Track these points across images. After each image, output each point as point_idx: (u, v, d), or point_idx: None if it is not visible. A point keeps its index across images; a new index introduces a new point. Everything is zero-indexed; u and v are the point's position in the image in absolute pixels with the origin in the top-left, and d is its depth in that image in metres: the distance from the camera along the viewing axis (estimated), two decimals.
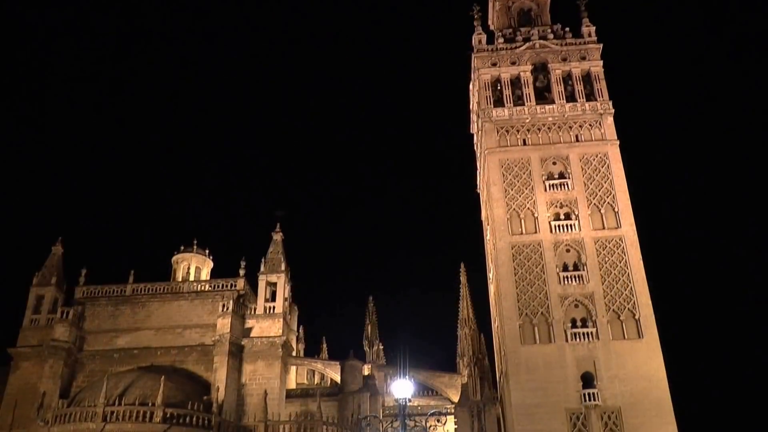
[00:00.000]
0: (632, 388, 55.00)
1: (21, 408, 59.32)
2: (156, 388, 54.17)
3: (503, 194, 64.61)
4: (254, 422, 57.13)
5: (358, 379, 64.56)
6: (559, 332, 57.62)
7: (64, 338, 61.98)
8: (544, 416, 54.71)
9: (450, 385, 67.65)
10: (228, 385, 58.81)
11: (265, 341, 61.40)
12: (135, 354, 62.18)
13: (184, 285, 66.61)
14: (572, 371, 56.14)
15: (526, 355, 57.31)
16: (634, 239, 60.75)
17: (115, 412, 53.08)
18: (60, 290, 66.08)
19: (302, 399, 64.76)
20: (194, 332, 62.96)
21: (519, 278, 60.20)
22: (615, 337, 57.01)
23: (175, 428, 52.98)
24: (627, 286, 58.77)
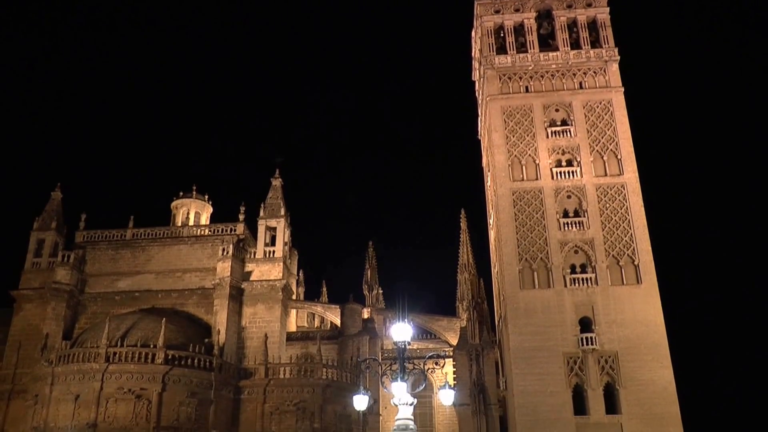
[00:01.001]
0: (629, 332, 55.55)
1: (25, 349, 60.02)
2: (157, 330, 54.62)
3: (504, 141, 64.32)
4: (255, 365, 57.75)
5: (357, 322, 65.15)
6: (558, 277, 57.96)
7: (66, 281, 62.43)
8: (542, 360, 55.39)
9: (449, 328, 68.31)
10: (228, 327, 59.32)
11: (265, 284, 61.73)
12: (136, 296, 62.62)
13: (184, 230, 66.68)
14: (570, 316, 56.64)
15: (525, 300, 57.75)
16: (636, 186, 60.68)
17: (118, 353, 53.58)
18: (60, 235, 66.27)
19: (302, 342, 65.47)
20: (194, 276, 63.26)
21: (519, 224, 60.29)
22: (614, 282, 57.36)
23: (176, 370, 53.55)
24: (627, 233, 58.89)
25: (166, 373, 52.92)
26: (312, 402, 55.63)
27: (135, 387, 52.47)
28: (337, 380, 57.29)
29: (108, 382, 52.42)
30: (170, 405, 52.57)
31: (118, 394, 52.23)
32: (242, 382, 56.78)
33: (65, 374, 53.45)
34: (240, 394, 56.43)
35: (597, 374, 54.97)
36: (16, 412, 56.72)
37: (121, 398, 52.13)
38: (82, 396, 52.28)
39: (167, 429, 51.87)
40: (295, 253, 71.90)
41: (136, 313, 60.19)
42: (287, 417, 55.26)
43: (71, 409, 52.04)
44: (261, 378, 56.61)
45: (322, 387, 56.17)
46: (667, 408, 53.38)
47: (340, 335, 65.17)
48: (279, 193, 66.02)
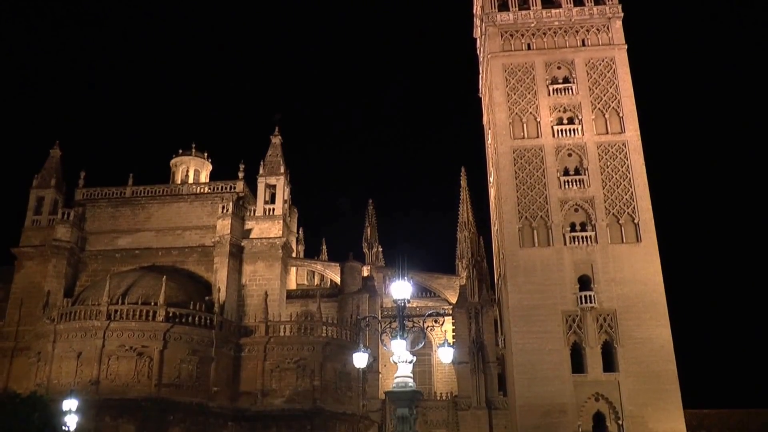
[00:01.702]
0: (628, 291, 55.75)
1: (27, 306, 60.27)
2: (158, 288, 54.78)
3: (505, 98, 63.83)
4: (255, 322, 58.02)
5: (357, 280, 65.36)
6: (557, 236, 57.99)
7: (66, 238, 62.45)
8: (541, 318, 55.71)
9: (448, 286, 68.58)
10: (229, 285, 59.48)
11: (265, 242, 61.74)
12: (136, 254, 62.69)
13: (184, 187, 66.49)
14: (570, 274, 56.80)
15: (525, 258, 57.85)
16: (638, 144, 60.38)
17: (119, 310, 53.82)
18: (60, 192, 66.11)
19: (302, 300, 65.71)
20: (194, 233, 63.23)
21: (519, 182, 60.13)
22: (613, 241, 57.41)
23: (177, 327, 53.81)
24: (628, 191, 58.75)
25: (167, 331, 53.21)
26: (312, 359, 56.01)
27: (136, 344, 52.82)
28: (337, 338, 57.60)
29: (110, 340, 52.75)
30: (171, 362, 52.96)
31: (119, 351, 52.60)
32: (243, 339, 57.10)
33: (67, 332, 53.77)
34: (240, 352, 56.80)
35: (595, 332, 55.30)
36: (19, 369, 57.15)
37: (123, 356, 52.51)
38: (84, 353, 52.65)
39: (169, 386, 52.34)
40: (295, 211, 71.83)
41: (136, 271, 60.33)
42: (287, 374, 55.70)
43: (74, 366, 52.45)
44: (261, 336, 56.92)
45: (322, 345, 56.50)
46: (664, 366, 53.83)
47: (339, 293, 65.41)
48: (278, 150, 65.69)
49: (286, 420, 54.36)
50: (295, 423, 54.38)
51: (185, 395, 52.60)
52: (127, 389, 51.60)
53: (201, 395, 53.27)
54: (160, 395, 51.61)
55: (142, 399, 51.05)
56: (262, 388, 55.33)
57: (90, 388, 50.10)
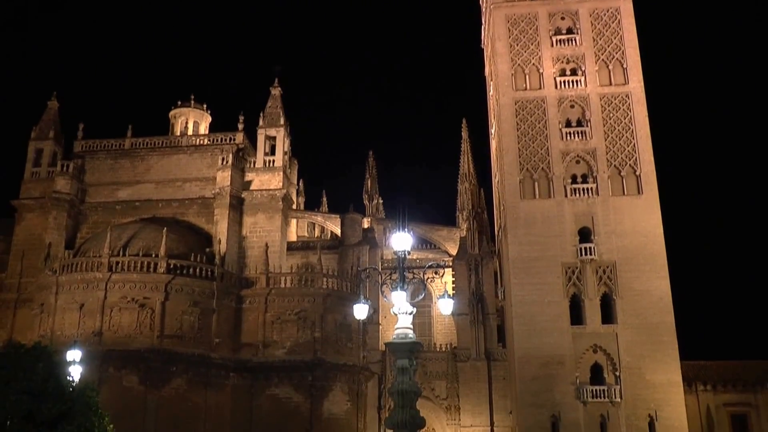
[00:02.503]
0: (628, 243, 55.77)
1: (28, 258, 60.49)
2: (158, 240, 54.85)
3: (508, 49, 63.01)
4: (256, 274, 58.25)
5: (357, 232, 65.41)
6: (558, 187, 57.81)
7: (66, 190, 62.37)
8: (541, 270, 55.85)
9: (449, 238, 68.65)
10: (229, 237, 59.55)
11: (265, 194, 61.64)
12: (137, 206, 62.65)
13: (183, 139, 66.17)
14: (570, 226, 56.77)
15: (526, 210, 57.77)
16: (641, 96, 59.79)
17: (120, 262, 53.99)
18: (58, 144, 65.85)
19: (303, 251, 65.86)
20: (194, 185, 63.09)
21: (521, 134, 59.73)
22: (614, 193, 57.24)
23: (178, 279, 54.05)
24: (630, 143, 58.38)
25: (168, 283, 53.46)
26: (312, 311, 56.37)
27: (138, 296, 53.13)
28: (338, 290, 57.89)
29: (111, 292, 53.04)
30: (173, 314, 53.33)
31: (121, 303, 52.93)
32: (244, 291, 57.40)
33: (69, 283, 54.04)
34: (242, 304, 57.14)
35: (594, 284, 55.49)
36: (23, 321, 57.58)
37: (125, 307, 52.86)
38: (86, 305, 53.00)
39: (171, 337, 52.80)
40: (295, 162, 71.56)
41: (136, 223, 60.35)
42: (288, 326, 56.12)
43: (77, 317, 52.87)
44: (262, 287, 57.19)
45: (323, 296, 56.80)
46: (662, 318, 54.13)
47: (340, 245, 65.52)
48: (278, 102, 65.18)
49: (287, 371, 54.94)
50: (296, 374, 54.98)
51: (187, 346, 53.09)
52: (129, 340, 52.08)
53: (203, 347, 53.76)
54: (163, 346, 52.10)
55: (144, 350, 51.54)
56: (264, 339, 55.81)
57: (93, 340, 50.55)
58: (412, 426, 22.31)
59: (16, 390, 25.08)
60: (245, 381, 55.12)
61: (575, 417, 53.07)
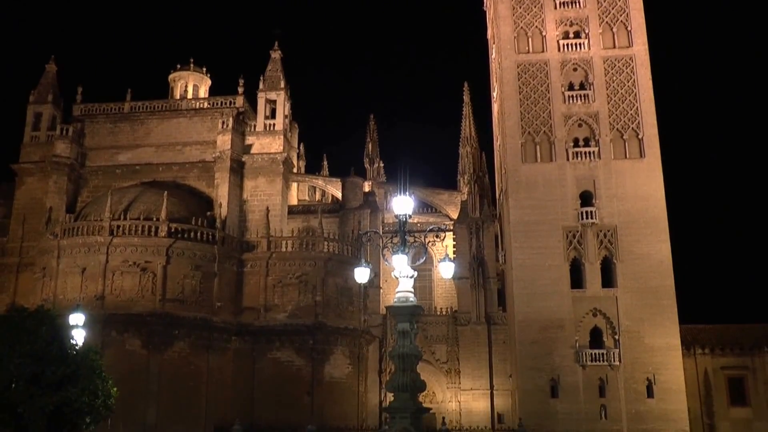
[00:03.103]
0: (630, 206, 55.68)
1: (29, 222, 60.60)
2: (159, 204, 54.85)
3: (511, 12, 62.21)
4: (257, 238, 58.36)
5: (358, 195, 65.35)
6: (560, 151, 57.55)
7: (66, 154, 62.24)
8: (542, 234, 55.82)
9: (450, 202, 68.59)
10: (230, 201, 59.55)
11: (266, 158, 61.48)
12: (137, 170, 62.56)
13: (183, 102, 65.80)
14: (571, 190, 56.62)
15: (527, 174, 57.58)
16: (645, 59, 59.14)
17: (121, 226, 54.08)
18: (57, 108, 65.58)
19: (304, 215, 65.91)
20: (194, 149, 62.93)
21: (523, 97, 59.28)
22: (616, 156, 56.97)
23: (180, 243, 54.16)
24: (633, 106, 57.95)
25: (169, 246, 53.60)
26: (314, 275, 56.60)
27: (140, 260, 53.31)
28: (339, 253, 58.06)
29: (113, 255, 53.21)
30: (175, 278, 53.56)
31: (123, 267, 53.14)
32: (245, 255, 57.58)
33: (71, 247, 54.19)
34: (243, 267, 57.35)
35: (595, 248, 55.51)
36: (25, 285, 57.85)
37: (127, 271, 53.08)
38: (88, 269, 53.21)
39: (173, 301, 53.08)
40: (296, 126, 71.27)
41: (137, 187, 60.30)
42: (290, 290, 56.39)
43: (79, 281, 53.13)
44: (263, 251, 57.36)
45: (324, 260, 56.99)
46: (662, 281, 54.24)
47: (341, 209, 65.51)
48: (278, 65, 64.69)
49: (289, 335, 55.34)
50: (298, 338, 55.38)
51: (189, 310, 53.42)
52: (131, 304, 52.38)
53: (205, 310, 54.09)
54: (165, 310, 52.41)
55: (146, 314, 51.86)
56: (265, 303, 56.13)
57: (95, 303, 50.83)
58: (413, 389, 22.49)
59: (21, 353, 25.27)
60: (247, 345, 55.54)
61: (574, 380, 53.48)
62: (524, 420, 50.47)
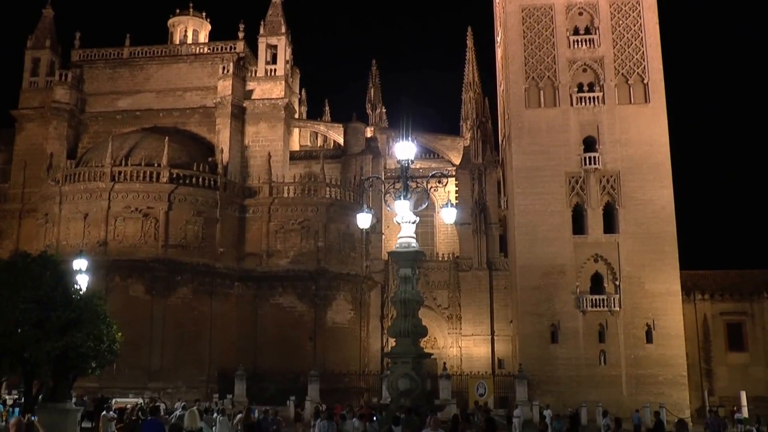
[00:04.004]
0: (633, 152, 55.32)
1: (30, 168, 60.52)
2: (160, 149, 54.62)
3: None
4: (259, 183, 58.28)
5: (360, 141, 65.05)
6: (564, 96, 56.92)
7: (65, 100, 61.89)
8: (544, 179, 55.59)
9: (452, 147, 68.26)
10: (231, 147, 59.32)
11: (267, 103, 61.05)
12: (137, 116, 62.22)
13: (182, 48, 65.03)
14: (575, 135, 56.21)
15: (530, 119, 57.10)
16: (653, 2, 57.94)
17: (123, 172, 53.98)
18: (55, 54, 64.96)
19: (305, 161, 65.70)
20: (195, 95, 62.49)
21: (528, 42, 58.35)
22: (621, 101, 56.34)
23: (181, 188, 54.12)
24: (639, 51, 57.06)
25: (171, 192, 53.56)
26: (316, 221, 56.68)
27: (142, 206, 53.35)
28: (341, 199, 58.05)
29: (115, 201, 53.23)
30: (177, 223, 53.66)
31: (125, 213, 53.19)
32: (247, 200, 57.58)
33: (72, 193, 54.19)
34: (245, 213, 57.41)
35: (598, 194, 55.34)
36: (28, 231, 58.05)
37: (129, 217, 53.16)
38: (90, 215, 53.28)
39: (176, 247, 53.27)
40: (297, 71, 70.54)
41: (138, 132, 60.03)
42: (292, 235, 56.54)
43: (81, 227, 53.24)
44: (265, 197, 57.35)
45: (326, 206, 57.01)
46: (664, 227, 54.20)
47: (343, 154, 65.26)
48: (279, 10, 63.68)
49: (291, 280, 55.68)
50: (300, 283, 55.73)
51: (192, 256, 53.66)
52: (134, 250, 52.58)
53: (207, 256, 54.32)
54: (167, 256, 52.64)
55: (149, 260, 52.10)
56: (267, 249, 56.33)
57: (98, 249, 51.01)
58: (415, 334, 22.66)
59: (25, 298, 25.37)
60: (250, 290, 55.94)
61: (574, 326, 53.89)
62: (524, 365, 51.16)
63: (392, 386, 22.34)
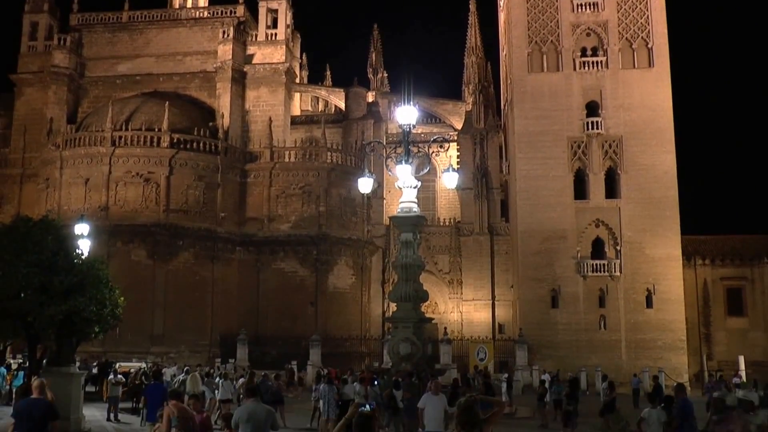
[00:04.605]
0: (636, 117, 55.02)
1: (31, 133, 60.35)
2: (161, 114, 54.38)
3: None
4: (260, 148, 58.12)
5: (362, 106, 64.70)
6: (567, 61, 56.44)
7: (64, 64, 61.47)
8: (546, 144, 55.37)
9: (454, 112, 67.86)
10: (232, 111, 59.04)
11: (268, 67, 60.61)
12: (137, 80, 61.86)
13: (182, 12, 64.34)
14: (577, 100, 55.87)
15: (533, 84, 56.70)
16: None
17: (123, 137, 53.81)
18: (54, 17, 64.35)
19: (306, 126, 65.44)
20: (195, 59, 62.05)
21: (531, 6, 57.65)
22: (625, 66, 55.86)
23: (182, 153, 54.00)
24: (643, 15, 56.40)
25: (172, 157, 53.48)
26: (317, 185, 56.63)
27: (143, 171, 53.28)
28: (342, 164, 57.94)
29: (116, 166, 53.16)
30: (178, 188, 53.63)
31: (126, 177, 53.14)
32: (248, 165, 57.48)
33: (73, 158, 54.11)
34: (246, 178, 57.34)
35: (600, 159, 55.17)
36: (29, 196, 58.00)
37: (130, 182, 53.11)
38: (91, 180, 53.24)
39: (177, 212, 53.30)
40: (298, 36, 69.90)
41: (138, 97, 59.71)
42: (293, 200, 56.54)
43: (82, 192, 53.23)
44: (266, 162, 57.25)
45: (327, 170, 56.92)
46: (666, 192, 54.11)
47: (344, 119, 64.99)
48: None
49: (292, 245, 55.79)
50: (301, 248, 55.85)
51: (193, 221, 53.72)
52: (136, 215, 52.62)
53: (209, 221, 54.38)
54: (169, 221, 52.69)
55: (151, 224, 52.16)
56: (269, 213, 56.36)
57: (100, 214, 51.02)
58: (416, 299, 22.74)
59: (28, 263, 25.33)
60: (251, 255, 56.08)
61: (575, 291, 54.08)
62: (524, 330, 51.46)
63: (393, 351, 22.48)
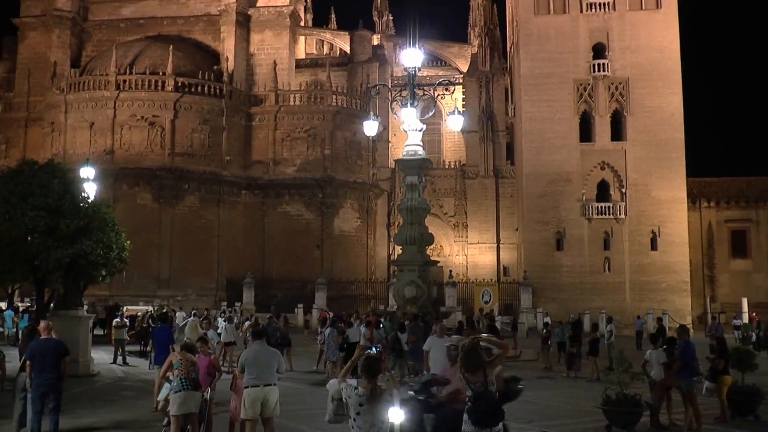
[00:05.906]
0: (643, 59, 54.39)
1: (35, 77, 60.09)
2: (165, 58, 54.05)
3: None
4: (265, 91, 57.86)
5: (367, 49, 64.14)
6: (574, 2, 55.45)
7: (67, 8, 60.89)
8: (552, 87, 54.92)
9: (459, 55, 67.27)
10: (237, 55, 58.60)
11: (272, 11, 59.93)
12: (141, 24, 61.29)
13: None
14: (584, 42, 55.19)
15: (539, 26, 55.96)
16: None
17: (128, 80, 53.61)
18: None
19: (311, 69, 65.00)
20: (199, 2, 61.36)
21: None
22: (632, 7, 54.99)
23: (187, 97, 53.81)
24: None
25: (177, 101, 53.32)
26: (322, 129, 56.52)
27: (147, 114, 53.20)
28: (347, 107, 57.72)
29: (120, 110, 53.08)
30: (183, 132, 53.62)
31: (131, 121, 53.10)
32: (253, 109, 57.31)
33: (78, 102, 54.01)
34: (251, 121, 57.24)
35: (606, 101, 54.76)
36: (34, 140, 58.05)
37: (135, 125, 53.08)
38: (96, 123, 53.23)
39: (182, 156, 53.38)
40: None
41: (142, 41, 59.24)
42: (298, 143, 56.50)
43: (87, 136, 53.29)
44: (271, 105, 57.05)
45: (332, 114, 56.74)
46: (672, 134, 53.80)
47: (349, 62, 64.51)
48: None
49: (298, 188, 55.98)
50: (307, 191, 56.03)
51: (198, 164, 53.82)
52: (141, 159, 52.74)
53: (214, 164, 54.48)
54: (174, 164, 52.80)
55: (156, 168, 52.30)
56: (274, 157, 56.40)
57: (105, 158, 51.15)
58: (421, 242, 22.98)
59: (35, 206, 25.54)
60: (256, 198, 56.32)
61: (579, 233, 54.25)
62: (529, 273, 51.87)
63: (398, 293, 22.81)
